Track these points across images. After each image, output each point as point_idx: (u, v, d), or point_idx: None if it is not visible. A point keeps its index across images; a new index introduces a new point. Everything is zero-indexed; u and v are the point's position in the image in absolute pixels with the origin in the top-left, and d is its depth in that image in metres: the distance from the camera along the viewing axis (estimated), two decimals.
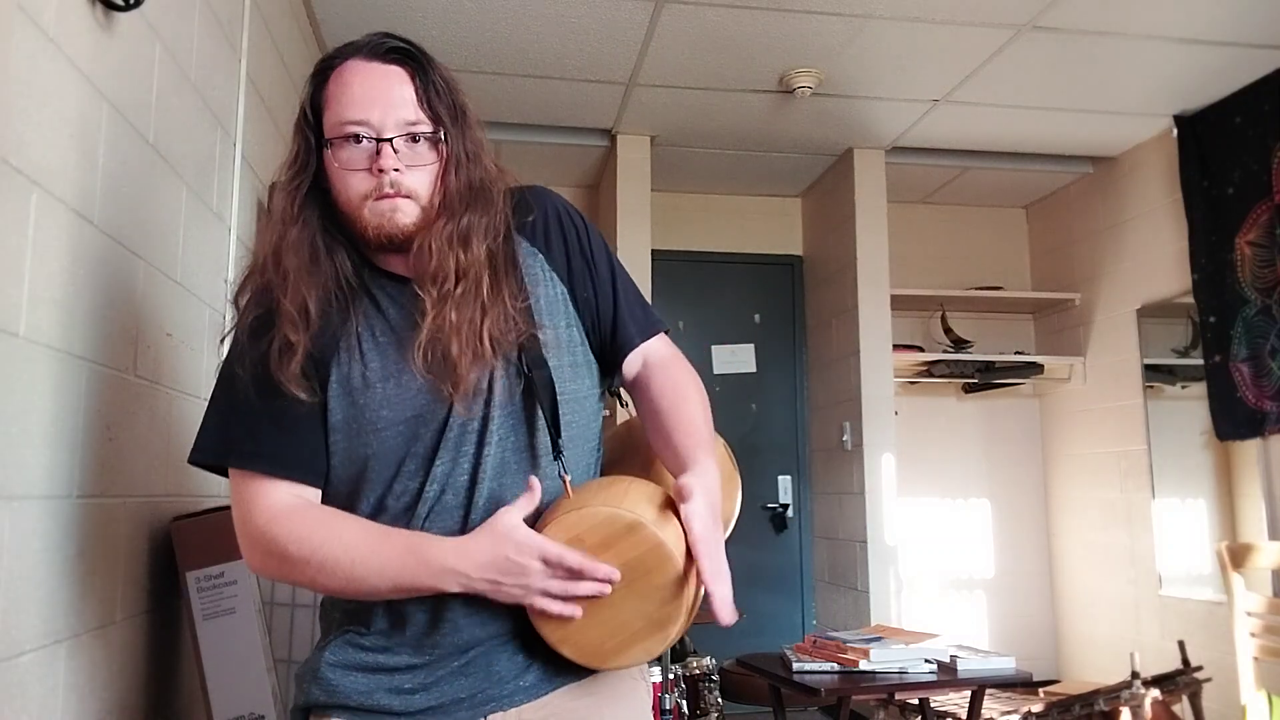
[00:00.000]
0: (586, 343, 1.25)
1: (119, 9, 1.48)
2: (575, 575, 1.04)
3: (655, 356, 1.28)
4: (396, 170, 1.12)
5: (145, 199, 1.66)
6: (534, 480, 1.08)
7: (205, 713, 1.73)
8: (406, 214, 1.13)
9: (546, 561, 1.04)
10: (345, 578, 1.09)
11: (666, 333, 1.32)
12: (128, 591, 1.59)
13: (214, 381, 1.21)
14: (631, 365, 1.28)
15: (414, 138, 1.14)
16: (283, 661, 2.11)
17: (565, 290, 1.23)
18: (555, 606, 1.06)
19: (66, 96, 1.34)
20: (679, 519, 1.09)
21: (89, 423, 1.42)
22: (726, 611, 1.06)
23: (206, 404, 1.21)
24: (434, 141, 1.15)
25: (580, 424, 1.21)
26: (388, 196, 1.12)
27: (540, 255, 1.23)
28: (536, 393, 1.16)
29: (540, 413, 1.17)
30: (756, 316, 5.01)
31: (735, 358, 4.91)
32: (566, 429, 1.18)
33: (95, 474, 1.45)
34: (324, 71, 1.18)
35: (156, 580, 1.72)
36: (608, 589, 1.05)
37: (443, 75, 1.19)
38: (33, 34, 1.24)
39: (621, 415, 1.45)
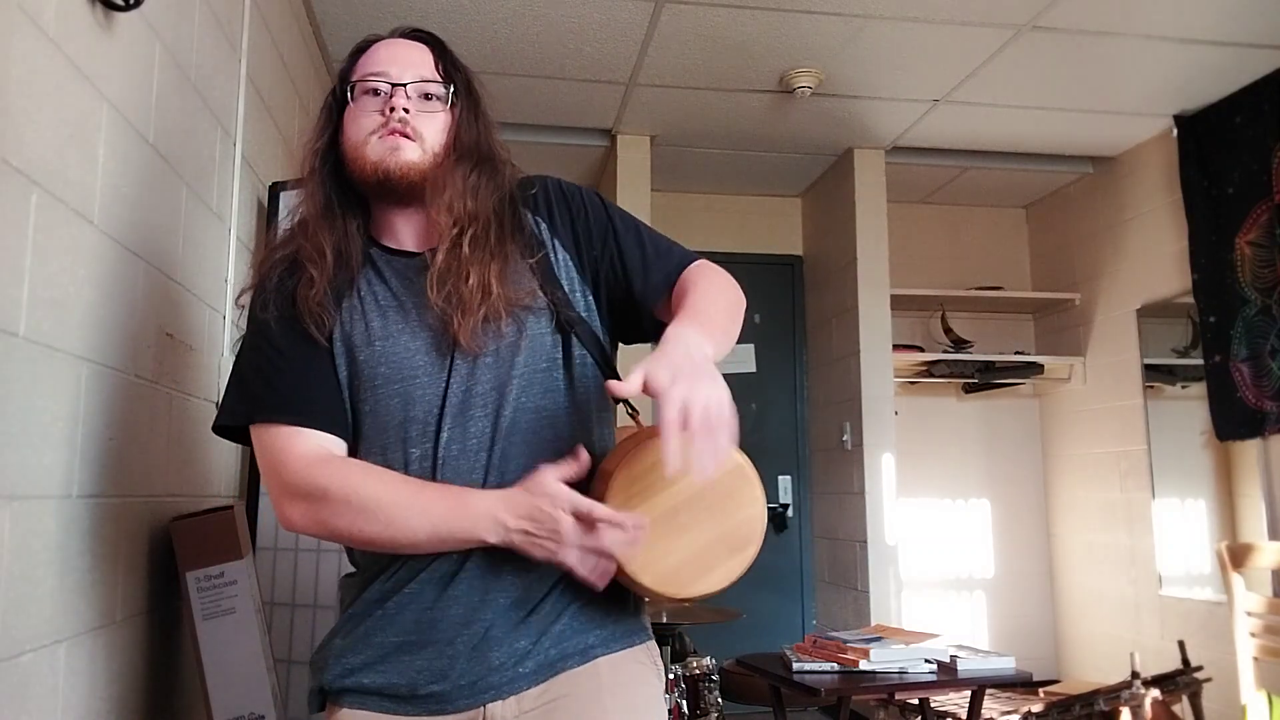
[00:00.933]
0: (595, 310, 1.28)
1: (119, 9, 1.48)
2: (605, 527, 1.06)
3: (693, 270, 1.29)
4: (406, 110, 1.19)
5: (145, 199, 1.66)
6: (582, 451, 1.10)
7: (205, 713, 1.73)
8: (408, 152, 1.19)
9: (577, 515, 1.06)
10: (385, 521, 1.11)
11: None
12: (128, 591, 1.59)
13: (236, 353, 1.26)
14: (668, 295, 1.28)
15: (427, 94, 1.22)
16: (283, 661, 2.11)
17: (570, 256, 1.27)
18: (583, 570, 1.07)
19: (66, 96, 1.34)
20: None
21: (89, 423, 1.42)
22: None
23: (229, 375, 1.25)
24: (445, 100, 1.23)
25: (591, 387, 1.25)
26: (393, 133, 1.19)
27: (544, 223, 1.28)
28: (583, 342, 1.22)
29: (562, 372, 1.21)
30: (756, 316, 5.01)
31: (735, 358, 4.91)
32: (582, 389, 1.22)
33: (95, 474, 1.45)
34: (357, 53, 1.27)
35: (156, 580, 1.72)
36: (638, 540, 1.06)
37: (461, 62, 1.29)
38: (33, 34, 1.23)
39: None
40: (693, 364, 1.03)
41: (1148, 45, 3.38)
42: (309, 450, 1.15)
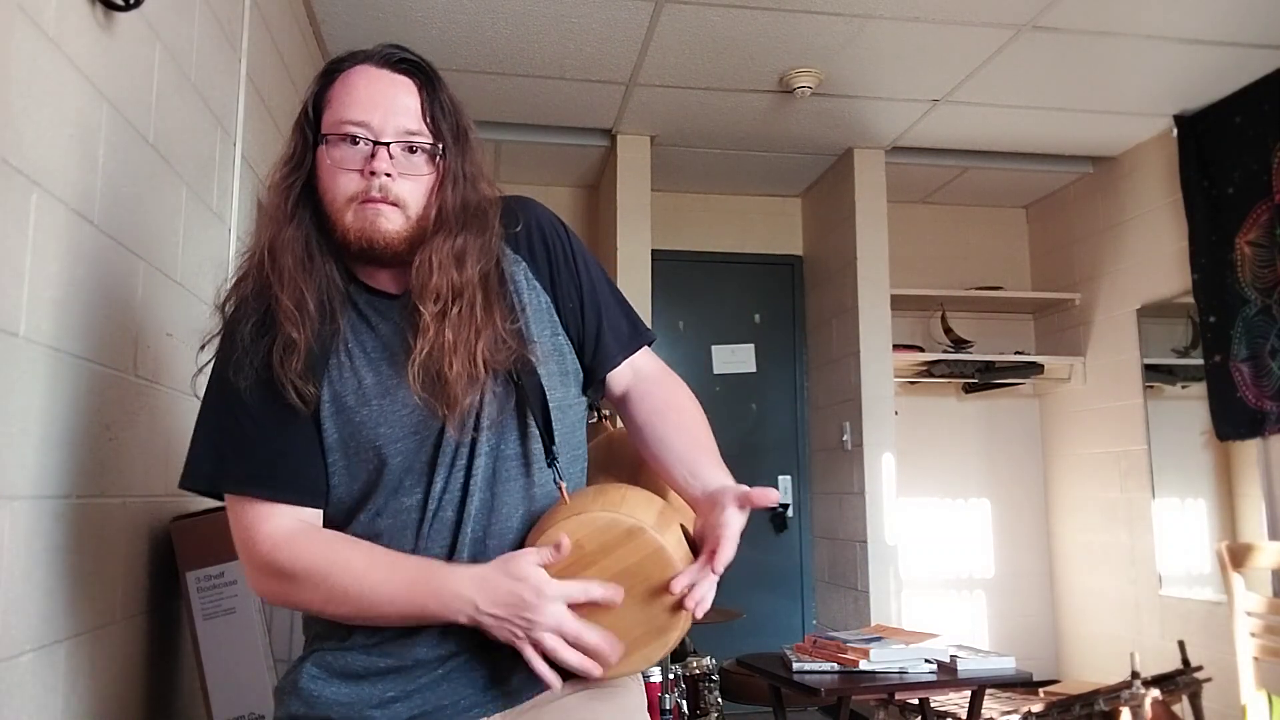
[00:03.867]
0: (571, 350, 1.24)
1: (119, 9, 1.48)
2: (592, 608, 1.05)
3: (644, 371, 1.28)
4: (388, 175, 1.10)
5: (145, 199, 1.66)
6: (565, 541, 1.05)
7: (205, 713, 1.73)
8: (390, 221, 1.11)
9: (571, 605, 1.05)
10: (355, 607, 1.08)
11: (651, 345, 1.32)
12: (128, 591, 1.59)
13: (201, 397, 1.18)
14: (619, 379, 1.27)
15: (411, 148, 1.12)
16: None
17: (549, 300, 1.23)
18: (535, 661, 1.06)
19: (66, 96, 1.34)
20: (678, 525, 1.09)
21: (89, 423, 1.42)
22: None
23: (195, 422, 1.17)
24: (431, 155, 1.14)
25: (566, 430, 1.21)
26: (373, 201, 1.10)
27: (524, 263, 1.22)
28: (528, 401, 1.16)
29: (517, 421, 1.17)
30: (756, 316, 5.01)
31: (735, 358, 4.91)
32: (555, 435, 1.18)
33: (95, 474, 1.45)
34: (331, 73, 1.17)
35: (156, 580, 1.72)
36: (609, 656, 1.07)
37: (450, 96, 1.18)
38: (33, 34, 1.24)
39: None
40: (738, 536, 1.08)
41: (1148, 45, 3.38)
42: (278, 529, 1.10)
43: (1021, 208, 5.18)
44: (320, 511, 1.15)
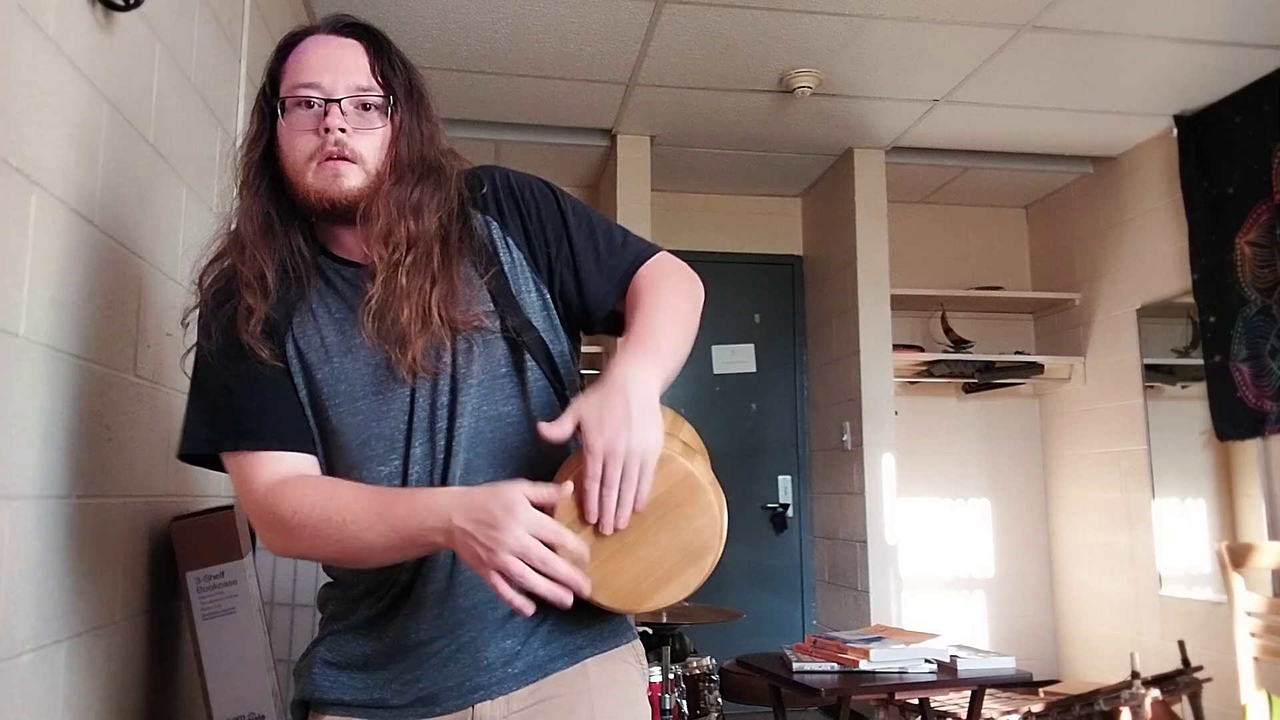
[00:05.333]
0: (552, 306, 1.22)
1: (119, 9, 1.48)
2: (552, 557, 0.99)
3: (647, 271, 1.21)
4: (342, 130, 1.12)
5: (145, 199, 1.66)
6: (568, 485, 1.02)
7: (205, 713, 1.73)
8: (350, 178, 1.12)
9: (540, 537, 0.98)
10: (339, 539, 1.07)
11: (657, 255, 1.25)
12: (127, 591, 1.59)
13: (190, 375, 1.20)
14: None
15: (364, 105, 1.14)
16: (283, 661, 2.11)
17: (523, 255, 1.21)
18: (503, 589, 0.99)
19: (66, 96, 1.34)
20: (699, 457, 1.10)
21: (89, 423, 1.42)
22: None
23: (186, 399, 1.20)
24: (384, 110, 1.15)
25: (566, 382, 1.22)
26: (332, 159, 1.11)
27: (495, 223, 1.22)
28: (531, 353, 1.17)
29: (515, 379, 1.17)
30: (756, 316, 5.01)
31: (735, 358, 4.91)
32: (537, 396, 1.18)
33: (95, 474, 1.45)
34: (284, 49, 1.19)
35: (156, 580, 1.72)
36: (577, 591, 1.02)
37: (400, 55, 1.20)
38: (33, 34, 1.24)
39: None
40: (625, 408, 1.00)
41: (1148, 45, 3.38)
42: (269, 477, 1.12)
43: (1021, 208, 5.18)
44: (315, 459, 1.16)
